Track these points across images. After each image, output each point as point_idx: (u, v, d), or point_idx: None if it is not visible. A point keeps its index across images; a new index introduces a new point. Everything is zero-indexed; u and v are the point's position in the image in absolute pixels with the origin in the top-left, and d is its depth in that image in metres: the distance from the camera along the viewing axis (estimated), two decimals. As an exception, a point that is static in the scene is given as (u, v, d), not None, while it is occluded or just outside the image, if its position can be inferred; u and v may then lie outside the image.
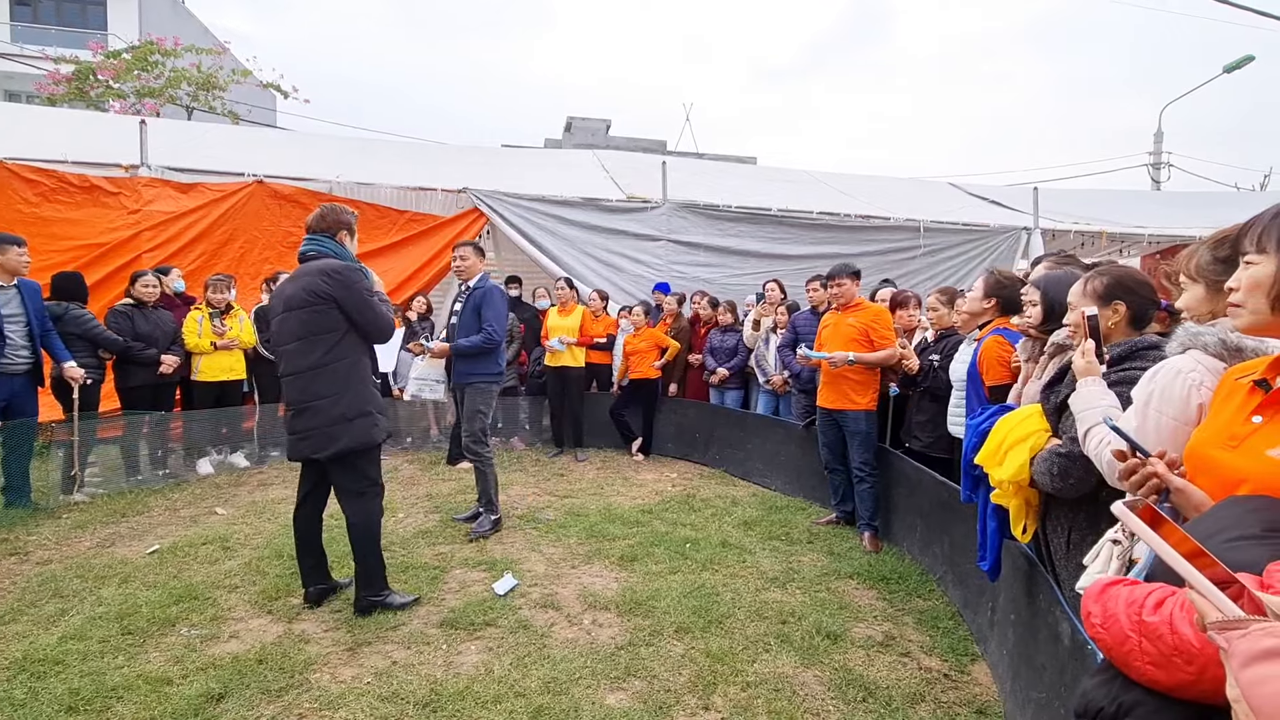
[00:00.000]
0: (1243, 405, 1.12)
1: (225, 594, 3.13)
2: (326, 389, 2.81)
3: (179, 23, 18.74)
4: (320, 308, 2.79)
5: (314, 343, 2.81)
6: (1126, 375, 1.74)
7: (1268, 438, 1.04)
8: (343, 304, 2.81)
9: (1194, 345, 1.40)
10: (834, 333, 4.19)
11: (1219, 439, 1.13)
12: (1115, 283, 1.86)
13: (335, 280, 2.79)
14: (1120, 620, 0.90)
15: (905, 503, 3.93)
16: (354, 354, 2.89)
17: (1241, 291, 1.09)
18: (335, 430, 2.81)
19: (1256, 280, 1.06)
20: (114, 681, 2.37)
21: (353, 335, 2.87)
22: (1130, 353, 1.80)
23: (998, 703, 2.37)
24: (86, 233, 5.89)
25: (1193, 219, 9.02)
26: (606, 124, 27.37)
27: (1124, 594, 0.93)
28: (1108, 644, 0.92)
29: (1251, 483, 1.02)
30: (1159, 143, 15.85)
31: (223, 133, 9.86)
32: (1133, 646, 0.88)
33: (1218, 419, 1.17)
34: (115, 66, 14.06)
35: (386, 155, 8.73)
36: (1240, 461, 1.06)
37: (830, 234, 7.92)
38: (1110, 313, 1.85)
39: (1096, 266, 2.06)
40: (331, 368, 2.82)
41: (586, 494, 5.02)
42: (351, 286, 2.82)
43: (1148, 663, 0.86)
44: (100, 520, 4.17)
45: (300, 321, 2.81)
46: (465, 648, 2.68)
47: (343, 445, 2.82)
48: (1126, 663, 0.90)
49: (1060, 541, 1.92)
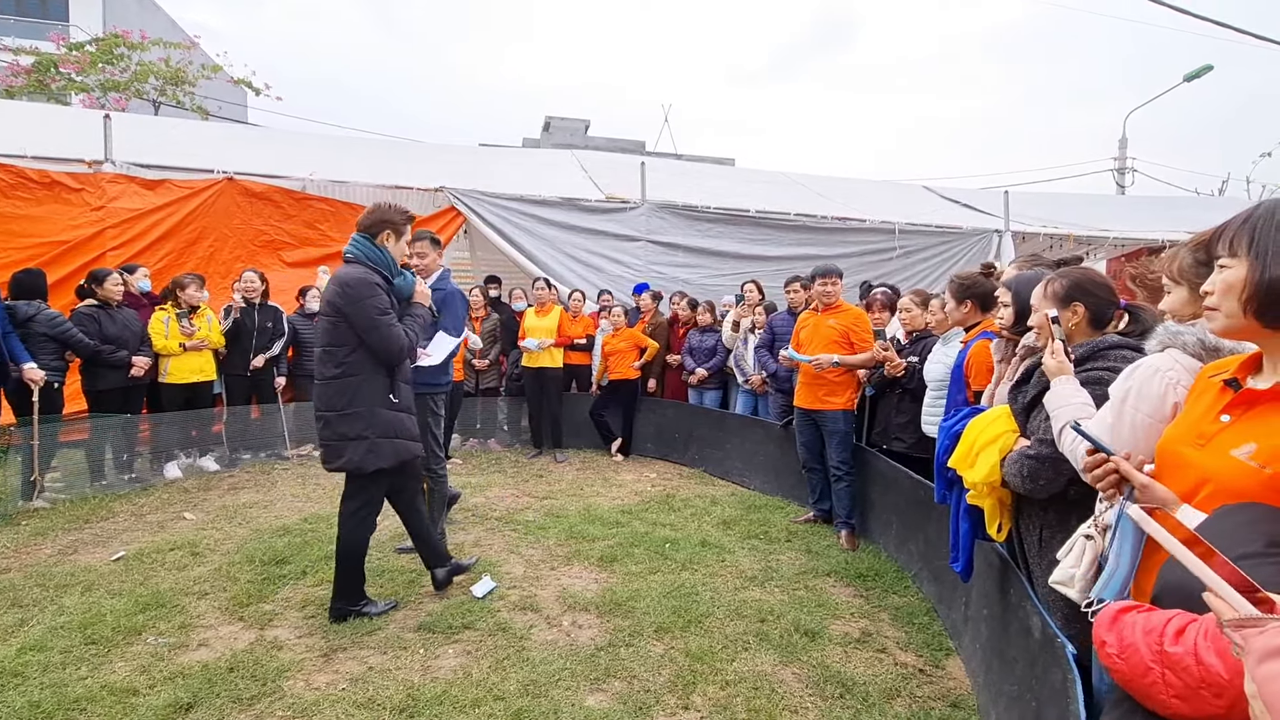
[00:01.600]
0: (1213, 404, 1.14)
1: (194, 601, 3.05)
2: (335, 403, 2.76)
3: (145, 15, 18.22)
4: (336, 319, 2.74)
5: (332, 353, 2.76)
6: (1091, 375, 1.78)
7: (1234, 437, 1.06)
8: (350, 320, 2.72)
9: (1173, 344, 1.43)
10: (813, 334, 4.23)
11: (1189, 436, 1.15)
12: (1074, 285, 1.90)
13: (345, 294, 2.71)
14: (1140, 651, 0.86)
15: (881, 501, 3.98)
16: (365, 370, 2.76)
17: (1215, 295, 1.09)
18: (339, 447, 2.78)
19: (1229, 284, 1.06)
20: (77, 693, 2.30)
21: (365, 351, 2.75)
22: (1092, 353, 1.85)
23: (971, 696, 2.41)
24: (47, 230, 5.70)
25: (1155, 222, 9.31)
26: (585, 124, 27.32)
27: (1141, 622, 0.89)
28: (1126, 675, 0.88)
29: (1214, 482, 1.04)
30: (1123, 148, 16.29)
31: (191, 128, 9.63)
32: (1155, 679, 0.84)
33: (1189, 416, 1.20)
34: (79, 59, 13.64)
35: (362, 153, 8.60)
36: (1205, 460, 1.08)
37: (808, 235, 8.01)
38: (1070, 314, 1.89)
39: (1062, 267, 2.10)
40: (341, 382, 2.75)
41: (566, 495, 5.00)
42: (359, 302, 2.69)
43: (1173, 695, 0.82)
44: (62, 527, 4.04)
45: (323, 330, 2.80)
46: (443, 651, 2.65)
47: (342, 463, 2.78)
48: (1148, 695, 0.85)
49: (1033, 539, 1.97)
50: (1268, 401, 1.04)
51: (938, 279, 7.86)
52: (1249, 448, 1.01)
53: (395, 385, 2.85)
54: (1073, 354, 1.86)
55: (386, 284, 2.84)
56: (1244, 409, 1.07)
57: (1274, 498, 0.96)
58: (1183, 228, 8.03)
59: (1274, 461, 0.98)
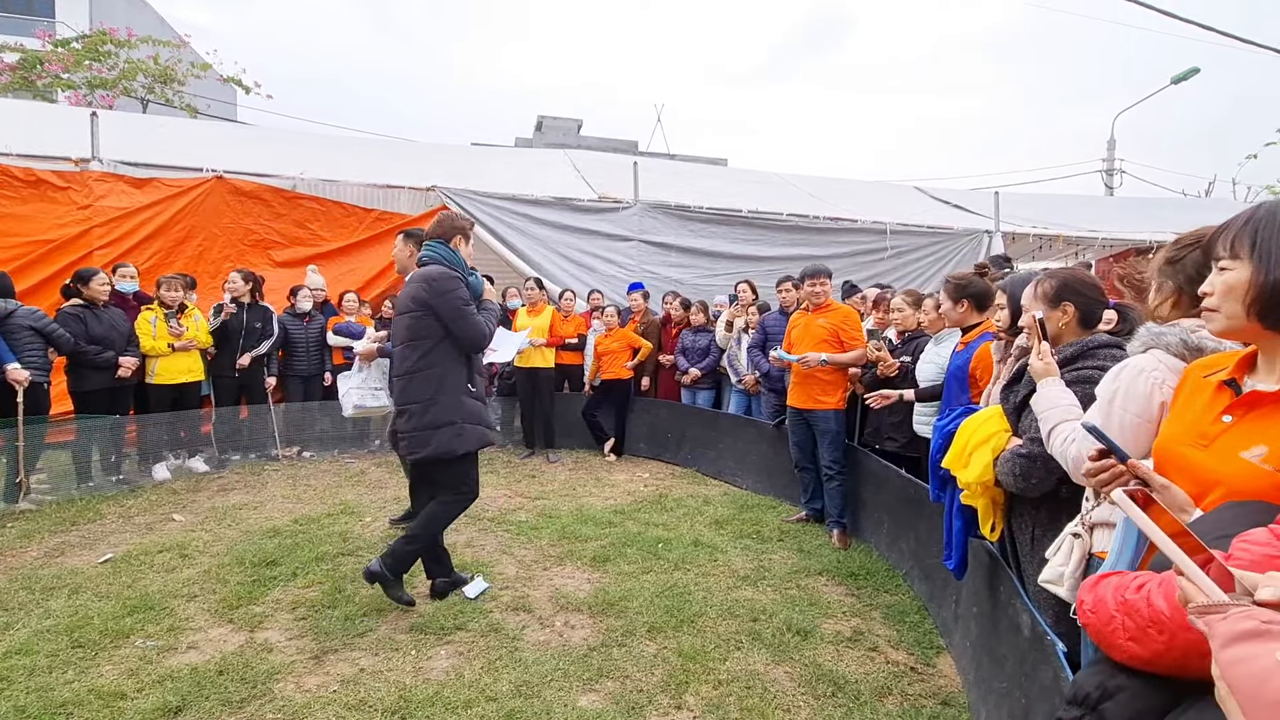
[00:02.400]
0: (1211, 403, 1.14)
1: (183, 603, 3.02)
2: (420, 394, 2.91)
3: (132, 12, 18.03)
4: (420, 314, 2.90)
5: (415, 347, 2.92)
6: (1080, 374, 1.80)
7: (1239, 438, 1.05)
8: (438, 311, 2.88)
9: (1156, 345, 1.45)
10: (804, 333, 4.24)
11: (1189, 436, 1.14)
12: (1063, 285, 1.92)
13: (432, 287, 2.88)
14: (1107, 603, 0.95)
15: (873, 500, 4.00)
16: (448, 362, 2.94)
17: (1216, 296, 1.09)
18: (425, 436, 2.90)
19: (1230, 285, 1.06)
20: (63, 697, 2.27)
21: (448, 343, 2.93)
22: (1082, 352, 1.86)
23: (962, 693, 2.43)
24: (33, 229, 5.63)
25: (1143, 223, 9.40)
26: (578, 124, 27.28)
27: (1114, 581, 0.98)
28: (1096, 626, 0.96)
29: (1226, 485, 1.04)
30: (1112, 150, 16.44)
31: (180, 126, 9.55)
32: (1116, 625, 0.92)
33: (1186, 416, 1.19)
34: (64, 57, 13.48)
35: (353, 152, 8.56)
36: (1213, 462, 1.08)
37: (800, 236, 8.03)
38: (1059, 314, 1.91)
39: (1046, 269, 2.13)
40: (425, 374, 2.91)
41: (558, 495, 4.99)
42: (446, 294, 2.88)
43: (1127, 638, 0.90)
44: (48, 529, 4.00)
45: (405, 326, 2.94)
46: (435, 652, 2.64)
47: (430, 451, 2.90)
48: (1111, 642, 0.93)
49: (1025, 538, 1.98)
50: (1274, 403, 1.03)
51: (929, 279, 7.91)
52: (1259, 450, 1.01)
53: (473, 375, 3.05)
54: (1060, 354, 1.87)
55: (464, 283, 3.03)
56: (1246, 410, 1.07)
57: None
58: (1170, 228, 8.10)
59: None
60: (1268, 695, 0.61)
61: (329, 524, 4.16)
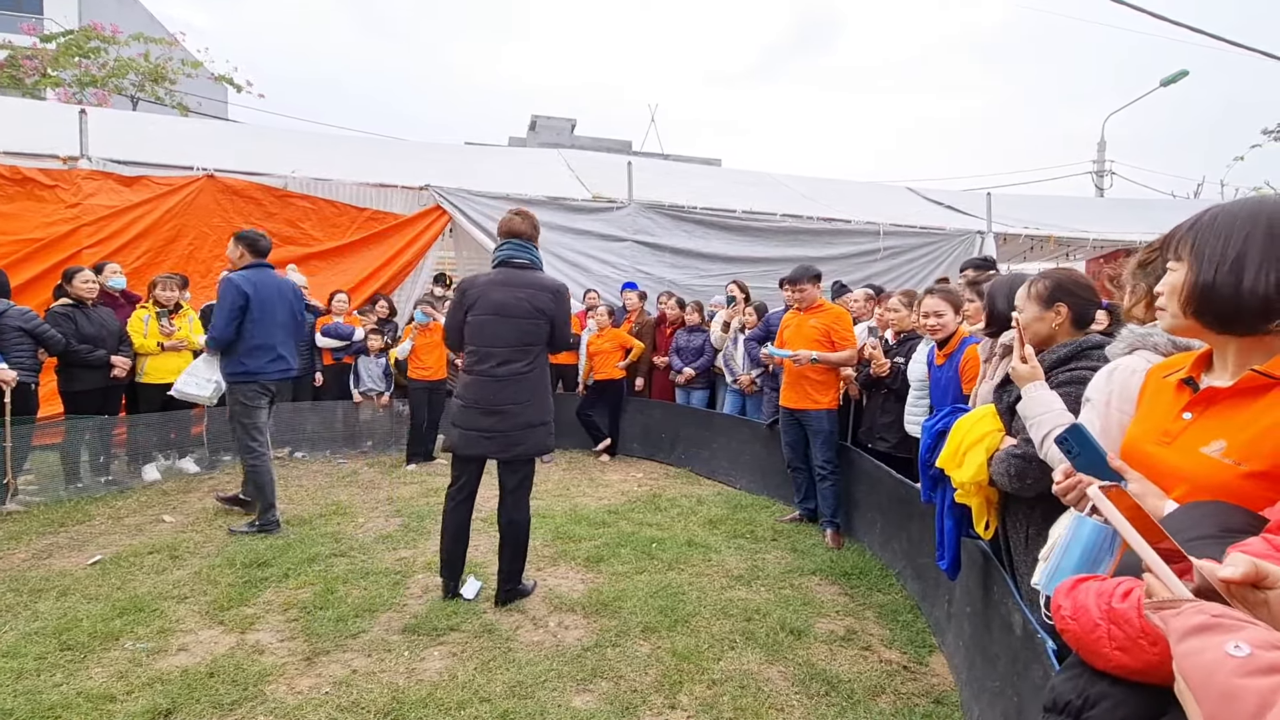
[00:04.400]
0: (1172, 402, 1.17)
1: (173, 605, 3.00)
2: (522, 395, 2.99)
3: (122, 9, 17.87)
4: (539, 320, 3.01)
5: (523, 351, 3.00)
6: (1076, 374, 1.81)
7: (1199, 434, 1.08)
8: (555, 321, 3.06)
9: (1143, 346, 1.46)
10: (796, 333, 4.26)
11: (1153, 435, 1.17)
12: (1057, 285, 1.94)
13: (559, 300, 3.06)
14: (1090, 610, 0.93)
15: (866, 500, 4.02)
16: (544, 364, 3.12)
17: (1164, 296, 1.15)
18: (521, 434, 2.98)
19: (1171, 285, 1.12)
20: (52, 700, 2.25)
21: (544, 347, 3.09)
22: (1076, 352, 1.87)
23: (954, 692, 2.44)
24: (20, 227, 5.57)
25: (1133, 224, 9.48)
26: (572, 123, 27.27)
27: (1094, 586, 0.97)
28: (1077, 634, 0.95)
29: (1189, 480, 1.06)
30: (1102, 151, 16.57)
31: (170, 124, 9.47)
32: (1101, 634, 0.91)
33: (1151, 415, 1.22)
34: (44, 54, 13.33)
35: (345, 151, 8.52)
36: (1175, 458, 1.10)
37: (794, 236, 8.05)
38: (1053, 315, 1.93)
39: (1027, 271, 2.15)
40: (530, 376, 3.02)
41: (552, 495, 4.98)
42: (567, 307, 3.13)
43: (1115, 648, 0.89)
44: (36, 530, 3.96)
45: (518, 329, 2.99)
46: (428, 653, 2.63)
47: (524, 449, 3.00)
48: (1095, 651, 0.92)
49: (1019, 537, 1.99)
50: (1228, 399, 1.07)
51: (924, 280, 7.94)
52: (1219, 445, 1.04)
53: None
54: (1054, 354, 1.88)
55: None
56: (1204, 406, 1.10)
57: (1250, 491, 0.98)
58: (1159, 229, 8.16)
59: (1247, 458, 1.00)
60: (1216, 685, 0.62)
61: (320, 525, 4.14)
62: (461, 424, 3.00)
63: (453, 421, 3.07)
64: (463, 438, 3.00)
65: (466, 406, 2.99)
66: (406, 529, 4.09)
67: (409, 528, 4.11)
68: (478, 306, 3.01)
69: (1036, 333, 1.95)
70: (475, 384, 2.99)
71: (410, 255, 6.98)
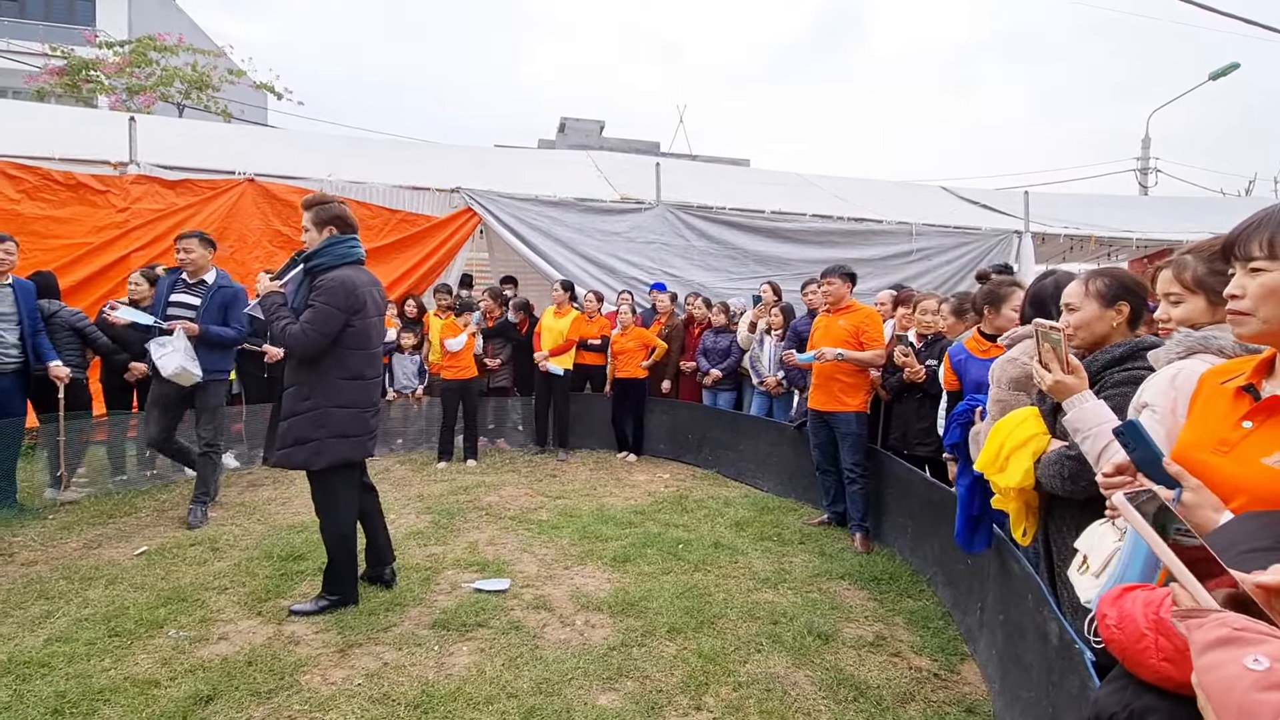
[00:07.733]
0: (1230, 409, 1.11)
1: (214, 595, 3.10)
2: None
3: (168, 20, 18.54)
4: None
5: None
6: (1132, 375, 1.74)
7: (1260, 444, 1.03)
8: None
9: (1204, 350, 1.40)
10: (825, 334, 4.21)
11: (1209, 443, 1.12)
12: (1119, 284, 1.86)
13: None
14: (1137, 620, 0.90)
15: (896, 504, 3.95)
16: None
17: (1249, 299, 1.06)
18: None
19: (1270, 288, 1.04)
20: (101, 684, 2.35)
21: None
22: (1132, 352, 1.80)
23: (986, 701, 2.39)
24: (72, 231, 5.81)
25: (1180, 224, 9.14)
26: (600, 125, 27.35)
27: (1141, 596, 0.94)
28: (1122, 644, 0.92)
29: (1248, 491, 1.02)
30: (1146, 148, 16.01)
31: (214, 130, 9.79)
32: (1148, 644, 0.88)
33: (1205, 422, 1.17)
34: (119, 60, 13.90)
35: (379, 154, 8.70)
36: (1234, 468, 1.05)
37: (825, 237, 7.95)
38: (1114, 314, 1.86)
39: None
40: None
41: (579, 495, 5.02)
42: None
43: (1162, 659, 0.86)
44: (87, 521, 4.13)
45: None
46: (457, 649, 2.67)
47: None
48: (1141, 661, 0.89)
49: (1065, 543, 1.93)
50: None
51: (959, 281, 7.77)
52: None
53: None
54: (1108, 354, 1.82)
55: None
56: (1267, 415, 1.05)
57: None
58: (1208, 229, 7.87)
59: None
60: (1234, 700, 0.62)
61: (354, 520, 4.23)
62: (362, 431, 2.93)
63: (345, 433, 2.87)
64: (369, 444, 3.01)
65: (364, 410, 2.91)
66: (436, 526, 4.16)
67: (439, 525, 4.18)
68: (368, 308, 2.94)
69: (1094, 332, 1.88)
70: (373, 387, 3.00)
71: (440, 256, 7.08)
